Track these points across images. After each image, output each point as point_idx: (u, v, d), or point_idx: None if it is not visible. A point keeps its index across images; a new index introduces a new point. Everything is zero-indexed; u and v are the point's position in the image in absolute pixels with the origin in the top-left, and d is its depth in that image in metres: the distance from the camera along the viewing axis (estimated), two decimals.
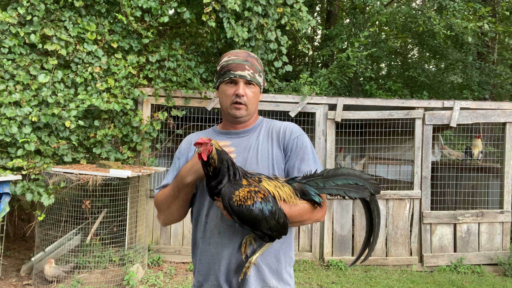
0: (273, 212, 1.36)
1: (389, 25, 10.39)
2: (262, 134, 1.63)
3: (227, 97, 1.58)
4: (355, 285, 4.73)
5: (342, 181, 1.43)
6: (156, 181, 5.87)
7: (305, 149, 1.59)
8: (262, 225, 1.36)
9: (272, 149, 1.59)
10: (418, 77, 9.48)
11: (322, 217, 1.52)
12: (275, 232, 1.39)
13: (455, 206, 6.15)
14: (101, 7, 5.19)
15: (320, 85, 6.71)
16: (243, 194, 1.34)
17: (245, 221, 1.35)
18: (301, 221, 1.48)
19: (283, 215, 1.39)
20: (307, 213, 1.46)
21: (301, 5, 5.65)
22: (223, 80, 1.58)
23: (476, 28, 7.75)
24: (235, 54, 1.58)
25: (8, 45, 4.65)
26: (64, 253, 4.62)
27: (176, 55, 5.49)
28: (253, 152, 1.58)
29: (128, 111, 5.09)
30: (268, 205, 1.35)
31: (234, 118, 1.61)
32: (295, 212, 1.43)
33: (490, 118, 5.51)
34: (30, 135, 4.44)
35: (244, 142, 1.62)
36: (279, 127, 1.63)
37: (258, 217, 1.34)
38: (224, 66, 1.57)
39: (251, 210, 1.33)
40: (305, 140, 1.62)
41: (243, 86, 1.55)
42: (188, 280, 4.68)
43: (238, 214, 1.34)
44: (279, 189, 1.42)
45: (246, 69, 1.55)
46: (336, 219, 5.49)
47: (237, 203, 1.33)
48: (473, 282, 4.94)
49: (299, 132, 1.63)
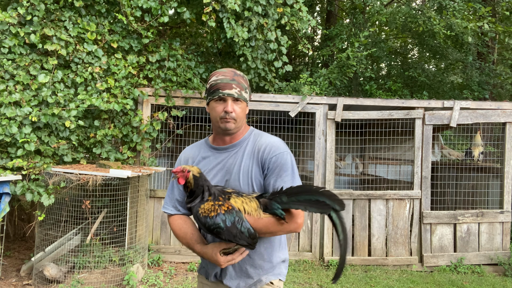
0: (235, 222, 1.57)
1: (389, 25, 10.38)
2: (247, 150, 1.78)
3: (217, 113, 1.74)
4: (355, 285, 4.73)
5: (304, 197, 1.56)
6: (156, 181, 5.87)
7: (282, 166, 1.70)
8: (225, 234, 1.56)
9: (252, 167, 1.74)
10: (418, 77, 9.48)
11: (297, 228, 1.65)
12: (241, 240, 1.58)
13: (455, 206, 6.15)
14: (101, 7, 5.19)
15: (320, 85, 6.72)
16: (208, 207, 1.58)
17: (210, 231, 1.58)
18: (271, 232, 1.65)
19: (247, 226, 1.59)
20: (273, 225, 1.63)
21: (301, 5, 5.65)
22: (212, 98, 1.74)
23: (476, 28, 7.75)
24: (223, 73, 1.74)
25: (8, 45, 4.65)
26: (64, 253, 4.62)
27: (176, 55, 5.49)
28: (237, 169, 1.75)
29: (128, 111, 5.09)
30: (230, 217, 1.56)
31: (224, 131, 1.76)
32: (260, 225, 1.62)
33: (490, 118, 5.51)
34: (30, 135, 4.44)
35: (231, 157, 1.79)
36: (261, 145, 1.76)
37: (221, 227, 1.55)
38: (213, 85, 1.73)
39: (214, 220, 1.56)
40: (284, 157, 1.71)
41: (231, 103, 1.72)
42: (188, 280, 4.69)
43: (204, 224, 1.58)
44: (245, 204, 1.62)
45: (233, 88, 1.71)
46: None
47: (202, 215, 1.58)
48: (473, 282, 4.94)
49: (280, 149, 1.73)
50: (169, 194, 1.89)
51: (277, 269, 1.82)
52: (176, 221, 1.83)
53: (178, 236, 1.80)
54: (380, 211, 5.46)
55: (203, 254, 1.70)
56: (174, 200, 1.86)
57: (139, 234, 4.72)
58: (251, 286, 1.77)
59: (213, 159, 1.81)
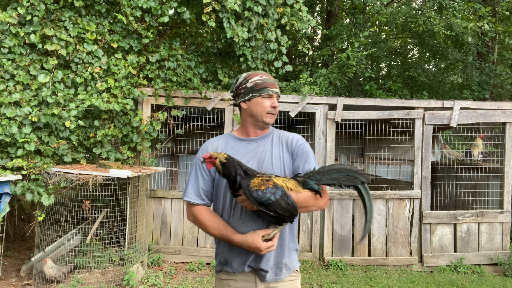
0: (282, 195, 1.72)
1: (389, 25, 10.38)
2: (274, 141, 2.02)
3: (264, 108, 1.96)
4: (355, 285, 4.73)
5: (336, 174, 1.82)
6: (156, 181, 5.87)
7: (307, 154, 1.99)
8: (276, 206, 1.70)
9: (283, 153, 1.99)
10: (418, 77, 9.48)
11: (325, 205, 1.91)
12: (287, 213, 1.73)
13: (455, 206, 6.15)
14: (101, 7, 5.19)
15: (320, 85, 6.72)
16: (258, 181, 1.72)
17: (261, 203, 1.70)
18: (307, 207, 1.84)
19: (292, 199, 1.75)
20: (311, 199, 1.83)
21: (301, 5, 5.65)
22: (260, 94, 1.95)
23: (476, 28, 7.75)
24: (265, 74, 1.99)
25: (8, 45, 4.64)
26: (64, 253, 4.62)
27: (176, 55, 5.49)
28: (268, 155, 1.97)
29: (128, 111, 5.09)
30: (278, 190, 1.72)
31: (265, 124, 2.00)
32: (301, 198, 1.79)
33: (490, 118, 5.51)
34: (30, 135, 4.44)
35: (261, 146, 2.00)
36: (287, 137, 2.04)
37: (271, 199, 1.69)
38: (260, 83, 1.95)
39: (265, 193, 1.69)
40: (307, 146, 2.03)
41: (276, 99, 1.99)
42: (188, 280, 4.69)
43: (255, 198, 1.69)
44: (286, 182, 1.80)
45: (276, 87, 1.99)
46: (336, 219, 5.49)
47: (253, 188, 1.70)
48: (473, 282, 4.94)
49: (303, 141, 2.04)
50: (193, 184, 1.97)
51: (296, 257, 2.03)
52: (204, 212, 1.94)
53: (209, 227, 1.89)
54: (380, 211, 5.46)
55: (243, 243, 1.80)
56: (199, 189, 1.96)
57: (139, 234, 4.72)
58: (282, 270, 1.93)
59: (242, 149, 1.99)
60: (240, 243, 1.81)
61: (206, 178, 1.96)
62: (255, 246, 1.77)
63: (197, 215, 1.94)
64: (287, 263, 1.95)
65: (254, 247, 1.77)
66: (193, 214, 1.96)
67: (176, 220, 5.39)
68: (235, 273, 1.93)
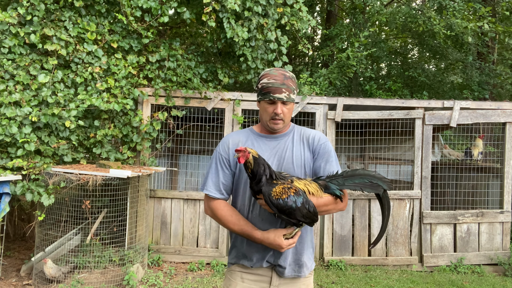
0: (304, 203, 1.71)
1: (389, 25, 10.38)
2: (295, 138, 1.99)
3: (267, 114, 1.91)
4: (355, 285, 4.73)
5: (359, 180, 1.80)
6: (156, 181, 5.87)
7: (329, 153, 1.95)
8: (297, 214, 1.70)
9: (304, 152, 1.95)
10: (418, 77, 9.48)
11: (344, 207, 1.90)
12: (307, 219, 1.74)
13: (455, 206, 6.15)
14: (101, 7, 5.19)
15: (320, 85, 6.72)
16: (279, 190, 1.69)
17: (283, 212, 1.69)
18: (327, 210, 1.84)
19: (313, 205, 1.74)
20: (331, 203, 1.83)
21: (301, 5, 5.65)
22: (263, 99, 1.90)
23: (476, 28, 7.75)
24: (274, 77, 1.87)
25: (8, 45, 4.65)
26: (64, 253, 4.62)
27: (176, 55, 5.49)
28: (289, 152, 1.94)
29: (128, 111, 5.09)
30: (299, 198, 1.70)
31: (272, 130, 1.95)
32: (321, 203, 1.79)
33: (490, 118, 5.51)
34: (30, 135, 4.44)
35: (281, 144, 1.97)
36: (309, 134, 2.00)
37: (293, 208, 1.68)
38: (265, 87, 1.88)
39: (286, 202, 1.67)
40: (329, 145, 1.98)
41: (280, 106, 1.88)
42: (188, 280, 4.69)
43: (276, 206, 1.69)
44: (308, 186, 1.78)
45: (283, 92, 1.86)
46: (336, 219, 5.49)
47: (275, 197, 1.68)
48: (473, 282, 4.94)
49: (325, 139, 2.00)
50: (212, 177, 1.94)
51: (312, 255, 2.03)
52: (224, 206, 1.92)
53: (229, 222, 1.87)
54: (380, 211, 5.46)
55: (264, 239, 1.80)
56: (219, 183, 1.93)
57: (139, 234, 4.72)
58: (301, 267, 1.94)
59: (263, 145, 1.95)
60: (261, 240, 1.80)
61: (227, 173, 1.94)
62: (276, 244, 1.77)
63: (216, 209, 1.91)
64: (306, 262, 1.95)
65: (276, 244, 1.77)
66: (211, 208, 1.93)
67: (176, 220, 5.39)
68: (252, 267, 1.93)
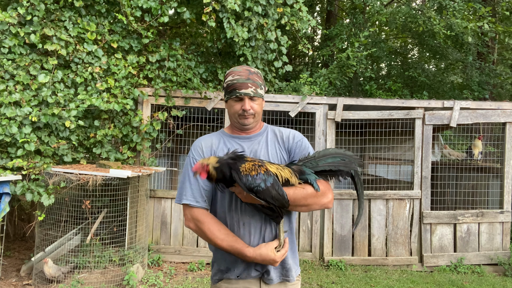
0: (274, 183, 1.61)
1: (389, 25, 10.38)
2: (270, 138, 1.92)
3: (235, 111, 1.85)
4: (355, 285, 4.73)
5: (331, 159, 1.74)
6: (156, 181, 5.87)
7: (307, 148, 1.89)
8: (266, 194, 1.59)
9: (281, 152, 1.90)
10: (418, 77, 9.48)
11: (329, 203, 1.76)
12: (277, 202, 1.62)
13: (455, 206, 6.15)
14: (101, 7, 5.19)
15: (320, 85, 6.71)
16: (248, 166, 1.61)
17: (251, 190, 1.59)
18: (307, 205, 1.71)
19: (282, 189, 1.63)
20: (311, 197, 1.70)
21: (301, 5, 5.65)
22: (230, 97, 1.84)
23: (476, 28, 7.75)
24: (238, 73, 1.81)
25: (8, 45, 4.65)
26: (64, 253, 4.62)
27: (176, 55, 5.49)
28: (264, 152, 1.87)
29: (128, 111, 5.09)
30: (270, 178, 1.60)
31: (242, 126, 1.88)
32: (299, 196, 1.67)
33: (490, 118, 5.51)
34: (30, 135, 4.44)
35: (255, 144, 1.90)
36: (283, 133, 1.94)
37: (261, 186, 1.58)
38: (230, 84, 1.81)
39: (255, 179, 1.58)
40: (306, 141, 1.93)
41: (248, 101, 1.81)
42: (188, 280, 4.68)
43: (245, 183, 1.58)
44: (281, 171, 1.68)
45: (249, 87, 1.80)
46: (336, 219, 5.49)
47: (243, 173, 1.59)
48: (473, 282, 4.94)
49: (301, 136, 1.95)
50: (192, 185, 1.81)
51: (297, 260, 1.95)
52: (210, 219, 1.78)
53: (217, 238, 1.73)
54: (380, 211, 5.46)
55: (256, 257, 1.70)
56: (200, 189, 1.80)
57: (139, 234, 4.72)
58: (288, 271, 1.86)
59: (237, 146, 1.88)
60: (253, 257, 1.70)
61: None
62: (270, 259, 1.70)
63: (202, 221, 1.76)
64: (292, 264, 1.87)
65: (269, 259, 1.70)
66: (195, 219, 1.78)
67: (176, 220, 5.39)
68: (238, 280, 1.82)
